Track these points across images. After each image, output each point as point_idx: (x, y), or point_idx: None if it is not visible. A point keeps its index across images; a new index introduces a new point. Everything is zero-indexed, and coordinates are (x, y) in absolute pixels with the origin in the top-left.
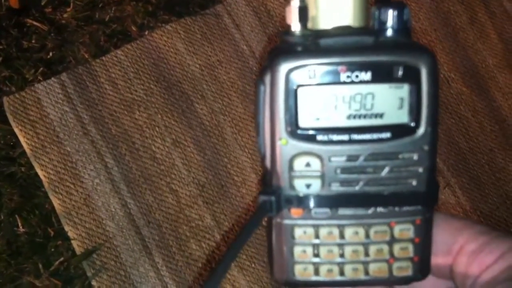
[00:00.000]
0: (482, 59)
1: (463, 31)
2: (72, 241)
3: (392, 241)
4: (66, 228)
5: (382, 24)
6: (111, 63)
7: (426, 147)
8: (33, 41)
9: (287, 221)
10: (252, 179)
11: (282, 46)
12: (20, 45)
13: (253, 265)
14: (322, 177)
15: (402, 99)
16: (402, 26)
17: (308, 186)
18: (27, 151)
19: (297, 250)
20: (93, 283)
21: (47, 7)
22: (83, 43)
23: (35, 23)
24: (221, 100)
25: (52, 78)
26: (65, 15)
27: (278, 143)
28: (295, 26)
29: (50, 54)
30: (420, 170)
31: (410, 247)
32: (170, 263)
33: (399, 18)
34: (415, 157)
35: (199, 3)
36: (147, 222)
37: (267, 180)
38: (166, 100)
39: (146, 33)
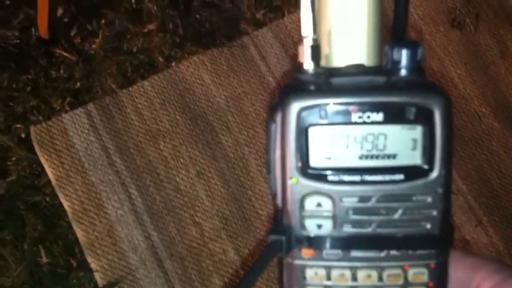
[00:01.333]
0: None
1: (494, 65)
2: (95, 273)
3: (406, 284)
4: (89, 259)
5: (395, 64)
6: (138, 93)
7: (440, 190)
8: (61, 71)
9: (298, 262)
10: (270, 219)
11: (293, 84)
12: (48, 75)
13: None
14: (334, 217)
15: (415, 141)
16: (416, 65)
17: (319, 226)
18: (52, 180)
19: None
20: None
21: (76, 38)
22: (110, 73)
23: (63, 53)
24: (246, 131)
25: (79, 108)
26: (93, 46)
27: (289, 182)
28: (308, 64)
29: (78, 84)
30: (434, 213)
31: None
32: None
33: (413, 57)
34: (429, 199)
35: (225, 34)
36: (170, 255)
37: (278, 218)
38: (191, 131)
39: (173, 64)
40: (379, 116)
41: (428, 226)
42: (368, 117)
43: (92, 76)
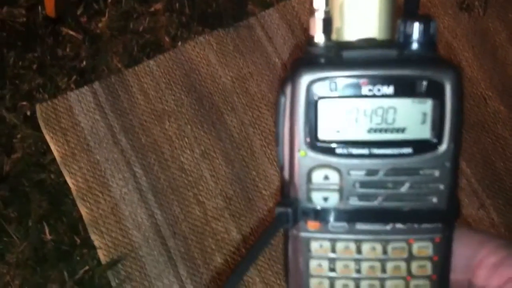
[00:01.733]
0: None
1: (501, 49)
2: (98, 250)
3: (410, 258)
4: (93, 236)
5: (407, 37)
6: (143, 73)
7: (448, 164)
8: (68, 50)
9: (303, 234)
10: (278, 192)
11: (304, 57)
12: (54, 53)
13: (278, 281)
14: (340, 190)
15: (425, 114)
16: (428, 40)
17: (325, 199)
18: (57, 158)
19: (313, 263)
20: None
21: (82, 17)
22: (117, 52)
23: (70, 32)
24: (251, 112)
25: (85, 87)
26: (99, 25)
27: (297, 155)
28: (319, 38)
29: (84, 62)
30: (441, 187)
31: (429, 265)
32: (195, 276)
33: (425, 31)
34: (437, 173)
35: (232, 15)
36: (173, 233)
37: (285, 191)
38: (197, 111)
39: (179, 44)
40: (389, 90)
41: (435, 200)
42: (379, 90)
43: (98, 55)
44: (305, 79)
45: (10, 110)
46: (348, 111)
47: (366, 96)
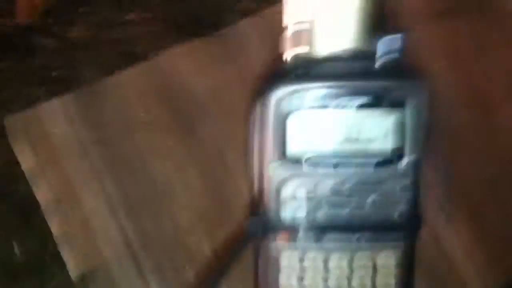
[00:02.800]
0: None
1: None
2: (68, 265)
3: (375, 269)
4: (62, 252)
5: (377, 50)
6: (116, 84)
7: (407, 179)
8: (39, 59)
9: (273, 246)
10: (247, 204)
11: (274, 73)
12: (25, 63)
13: None
14: (309, 203)
15: (387, 127)
16: (396, 52)
17: (294, 211)
18: (26, 171)
19: (283, 276)
20: None
21: (54, 26)
22: (90, 62)
23: (42, 40)
24: (224, 124)
25: (56, 98)
26: (72, 34)
27: (267, 168)
28: (289, 53)
29: (55, 73)
30: (402, 201)
31: (392, 276)
32: None
33: (393, 44)
34: (397, 187)
35: (207, 26)
36: (144, 247)
37: (255, 204)
38: (169, 123)
39: (153, 54)
40: (356, 102)
41: (396, 214)
42: (345, 102)
43: (70, 65)
44: (274, 95)
45: None
46: (316, 124)
47: (333, 108)
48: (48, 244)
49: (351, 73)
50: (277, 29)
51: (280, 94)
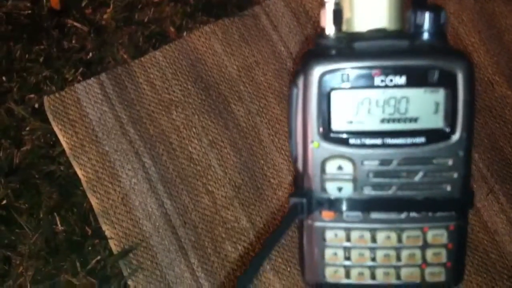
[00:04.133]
0: None
1: (508, 33)
2: (109, 240)
3: (425, 246)
4: (104, 227)
5: (418, 28)
6: (150, 63)
7: (461, 153)
8: (73, 42)
9: (318, 224)
10: (289, 181)
11: (315, 49)
12: (60, 46)
13: (288, 269)
14: (354, 180)
15: (437, 104)
16: (438, 29)
17: (339, 189)
18: (66, 150)
19: (328, 252)
20: (129, 282)
21: (87, 8)
22: (122, 44)
23: (75, 24)
24: (258, 101)
25: (92, 78)
26: (104, 16)
27: (310, 146)
28: (329, 29)
29: (90, 54)
30: (455, 175)
31: (443, 252)
32: (205, 264)
33: (435, 21)
34: (450, 162)
35: (237, 4)
36: (183, 222)
37: (299, 182)
38: (203, 101)
39: (184, 34)
40: (402, 80)
41: (449, 188)
42: (391, 80)
43: (104, 46)
44: (317, 71)
45: (18, 103)
46: (361, 102)
47: (378, 86)
48: (89, 220)
49: (395, 50)
50: (309, 5)
51: (323, 70)
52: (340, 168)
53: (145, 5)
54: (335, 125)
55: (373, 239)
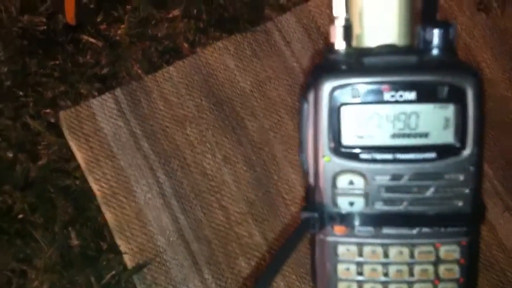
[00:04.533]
0: None
1: None
2: (124, 255)
3: (437, 262)
4: (118, 242)
5: (427, 43)
6: (163, 79)
7: (472, 168)
8: (88, 57)
9: (330, 238)
10: (302, 197)
11: (325, 64)
12: (75, 61)
13: (302, 286)
14: (366, 195)
15: (447, 119)
16: (448, 44)
17: (351, 204)
18: (82, 164)
19: (341, 267)
20: None
21: (102, 24)
22: (136, 59)
23: (90, 39)
24: (270, 117)
25: (107, 93)
26: (119, 32)
27: (322, 160)
28: (339, 45)
29: (105, 69)
30: (466, 191)
31: (456, 268)
32: (219, 280)
33: (445, 37)
34: (461, 177)
35: (249, 20)
36: (197, 237)
37: (310, 196)
38: (217, 117)
39: (197, 49)
40: (412, 95)
41: (460, 203)
42: (401, 96)
43: (118, 61)
44: (327, 86)
45: (34, 118)
46: (371, 117)
47: (388, 102)
48: (104, 235)
49: (405, 66)
50: (321, 21)
51: (333, 85)
52: (351, 183)
53: (159, 21)
54: (346, 140)
55: (385, 254)
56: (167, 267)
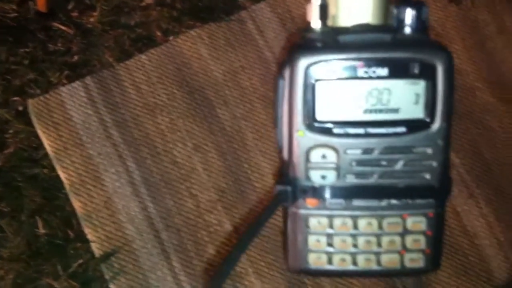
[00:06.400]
0: (510, 69)
1: (490, 40)
2: (92, 244)
3: (405, 233)
4: (86, 230)
5: (400, 22)
6: (135, 67)
7: (440, 142)
8: (59, 45)
9: (302, 211)
10: (273, 185)
11: (302, 42)
12: (46, 48)
13: (271, 272)
14: (338, 169)
15: (418, 95)
16: (420, 24)
17: (323, 177)
18: (50, 153)
19: (312, 239)
20: (111, 286)
21: (73, 11)
22: (108, 47)
23: (61, 26)
24: (243, 106)
25: (77, 81)
26: (91, 19)
27: (296, 135)
28: (315, 23)
29: (75, 57)
30: (434, 164)
31: (422, 239)
32: (188, 268)
33: (417, 16)
34: (430, 151)
35: (223, 9)
36: (166, 226)
37: (284, 170)
38: (188, 105)
39: (171, 38)
40: (384, 71)
41: (428, 176)
42: (374, 72)
43: (89, 49)
44: (303, 62)
45: (1, 106)
46: (345, 93)
47: (361, 78)
48: (71, 224)
49: (378, 43)
50: (295, 11)
51: (309, 62)
52: (324, 156)
53: (132, 9)
54: (320, 115)
55: (355, 226)
56: (135, 256)
